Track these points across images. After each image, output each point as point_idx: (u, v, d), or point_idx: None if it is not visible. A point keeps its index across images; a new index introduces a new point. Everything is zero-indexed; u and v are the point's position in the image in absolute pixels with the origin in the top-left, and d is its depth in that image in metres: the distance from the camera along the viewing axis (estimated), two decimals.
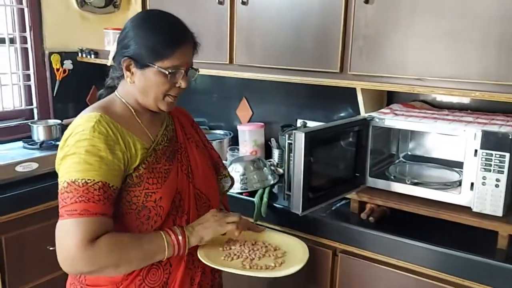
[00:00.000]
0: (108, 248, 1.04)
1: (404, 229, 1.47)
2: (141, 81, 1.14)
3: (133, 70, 1.13)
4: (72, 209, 1.03)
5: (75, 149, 1.06)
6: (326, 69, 1.67)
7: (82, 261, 1.02)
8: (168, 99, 1.16)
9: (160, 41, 1.11)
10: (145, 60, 1.11)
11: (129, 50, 1.12)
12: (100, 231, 1.04)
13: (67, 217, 1.03)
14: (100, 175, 1.05)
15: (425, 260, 1.38)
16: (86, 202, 1.02)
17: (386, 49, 1.54)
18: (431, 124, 1.48)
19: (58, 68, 2.38)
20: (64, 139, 1.10)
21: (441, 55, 1.44)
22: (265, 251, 1.24)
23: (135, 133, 1.15)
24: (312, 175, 1.41)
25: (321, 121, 2.05)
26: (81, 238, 1.01)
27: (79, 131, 1.07)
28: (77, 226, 1.02)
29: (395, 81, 1.54)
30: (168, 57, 1.11)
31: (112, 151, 1.07)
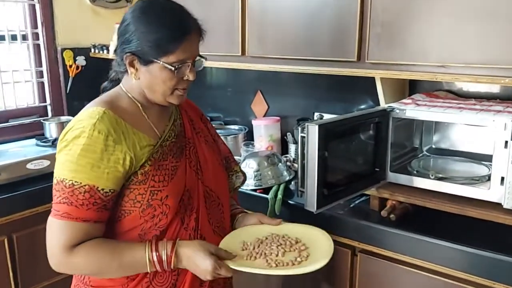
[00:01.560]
0: (87, 259, 1.02)
1: (428, 227, 1.37)
2: (147, 77, 1.07)
3: (137, 66, 1.07)
4: (56, 208, 1.01)
5: (71, 145, 1.01)
6: (343, 58, 1.58)
7: (63, 266, 1.03)
8: (177, 92, 1.10)
9: (164, 35, 1.04)
10: (149, 56, 1.05)
11: (131, 46, 1.05)
12: (82, 237, 1.01)
13: (52, 215, 1.02)
14: (89, 178, 1.00)
15: (452, 261, 1.28)
16: (68, 205, 0.99)
17: (406, 35, 1.43)
18: (456, 115, 1.37)
19: (71, 64, 2.36)
20: (64, 132, 1.05)
21: (467, 39, 1.33)
22: (287, 245, 1.16)
23: (140, 129, 1.08)
24: (327, 170, 1.32)
25: (340, 114, 1.94)
26: (62, 243, 1.00)
27: (79, 127, 1.02)
28: (59, 229, 1.00)
29: (416, 69, 1.44)
30: (173, 51, 1.04)
31: (111, 152, 1.01)
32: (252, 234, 1.21)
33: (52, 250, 1.02)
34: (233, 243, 1.16)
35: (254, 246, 1.15)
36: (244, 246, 1.16)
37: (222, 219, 1.22)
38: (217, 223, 1.19)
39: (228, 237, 1.19)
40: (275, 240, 1.18)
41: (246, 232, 1.22)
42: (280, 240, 1.18)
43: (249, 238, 1.19)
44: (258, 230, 1.21)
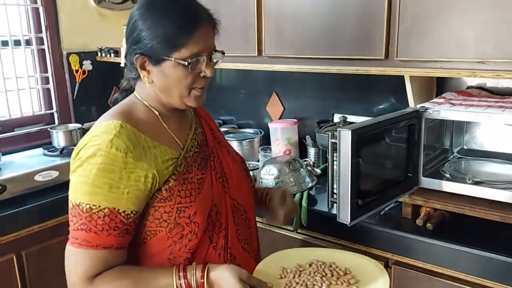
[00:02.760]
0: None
1: (468, 236, 1.28)
2: (160, 78, 0.98)
3: (149, 67, 0.98)
4: (74, 236, 0.93)
5: (86, 165, 0.92)
6: (369, 56, 1.47)
7: None
8: (195, 92, 0.99)
9: (172, 28, 0.94)
10: (160, 53, 0.95)
11: (140, 45, 0.96)
12: (103, 266, 0.92)
13: (70, 243, 0.94)
14: (108, 200, 0.90)
15: (494, 273, 1.19)
16: (87, 232, 0.91)
17: (439, 28, 1.33)
18: (499, 115, 1.27)
19: (77, 69, 2.27)
20: (76, 150, 0.96)
21: (508, 31, 1.22)
22: (334, 277, 1.03)
23: (162, 141, 0.99)
24: (361, 179, 1.22)
25: (361, 115, 1.86)
26: (81, 273, 0.92)
27: (94, 144, 0.92)
28: (78, 258, 0.92)
29: (451, 66, 1.33)
30: (185, 45, 0.94)
31: (131, 170, 0.92)
32: (293, 259, 1.10)
33: (71, 281, 0.94)
34: (271, 268, 1.05)
35: (294, 274, 1.04)
36: (283, 274, 1.04)
37: (250, 235, 1.12)
38: (246, 239, 1.10)
39: (267, 261, 1.08)
40: (319, 269, 1.06)
41: (288, 256, 1.11)
42: (326, 270, 1.05)
43: (290, 264, 1.08)
44: (301, 255, 1.10)
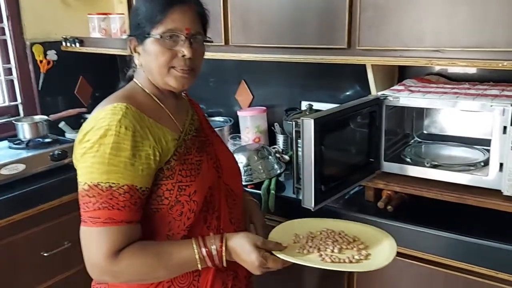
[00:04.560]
0: (133, 264, 0.96)
1: (426, 217, 1.34)
2: (145, 58, 1.04)
3: (138, 49, 1.04)
4: (95, 216, 0.93)
5: (98, 146, 0.93)
6: (332, 45, 1.51)
7: (108, 274, 0.96)
8: (174, 72, 1.03)
9: (152, 6, 1.01)
10: (143, 32, 1.02)
11: (132, 28, 1.05)
12: (126, 240, 0.95)
13: (91, 224, 0.93)
14: (126, 177, 0.94)
15: (452, 251, 1.25)
16: (110, 209, 0.93)
17: (400, 18, 1.37)
18: (453, 101, 1.33)
19: (41, 59, 2.22)
20: (83, 132, 0.97)
21: (463, 21, 1.27)
22: (344, 243, 1.10)
23: (163, 123, 1.04)
24: (324, 165, 1.27)
25: (327, 101, 1.91)
26: (106, 250, 0.93)
27: (103, 126, 0.94)
28: (102, 236, 0.93)
29: (410, 54, 1.38)
30: (161, 20, 1.00)
31: (140, 148, 0.96)
32: (305, 227, 1.17)
33: (93, 261, 0.95)
34: (284, 235, 1.12)
35: (307, 239, 1.11)
36: (296, 239, 1.11)
37: (241, 220, 1.18)
38: (238, 223, 1.15)
39: (280, 228, 1.15)
40: (330, 236, 1.13)
41: (299, 225, 1.18)
42: (336, 237, 1.12)
43: (302, 231, 1.14)
44: (312, 224, 1.18)
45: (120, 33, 2.20)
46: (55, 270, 1.85)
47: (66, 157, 1.92)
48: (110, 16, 2.24)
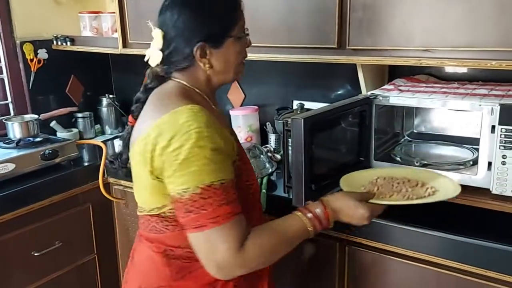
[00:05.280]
0: (260, 249, 0.97)
1: (417, 216, 1.34)
2: (220, 59, 1.05)
3: (209, 53, 1.04)
4: (215, 215, 0.93)
5: (198, 149, 0.92)
6: (322, 45, 1.51)
7: (239, 267, 0.96)
8: (243, 64, 1.12)
9: (227, 7, 1.06)
10: (220, 35, 1.04)
11: (197, 35, 1.02)
12: (245, 230, 0.97)
13: (212, 225, 0.93)
14: (229, 172, 0.97)
15: (444, 251, 1.26)
16: (227, 204, 0.94)
17: (389, 18, 1.38)
18: (442, 100, 1.34)
19: (32, 58, 2.21)
20: (166, 139, 0.93)
21: (452, 21, 1.28)
22: (405, 183, 1.19)
23: (223, 125, 1.05)
24: (314, 164, 1.27)
25: (319, 101, 1.91)
26: (234, 244, 0.94)
27: (192, 129, 0.93)
28: (226, 232, 0.94)
29: (399, 54, 1.39)
30: (237, 20, 1.06)
31: (228, 145, 0.99)
32: (363, 179, 1.24)
33: (222, 260, 0.94)
34: (353, 188, 1.18)
35: (377, 186, 1.18)
36: (366, 189, 1.19)
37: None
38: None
39: (345, 185, 1.20)
40: (390, 181, 1.21)
41: (357, 178, 1.25)
42: (396, 181, 1.21)
43: (364, 182, 1.22)
44: (366, 176, 1.26)
45: (112, 32, 2.19)
46: (46, 270, 1.84)
47: (57, 156, 1.91)
48: (101, 15, 2.23)
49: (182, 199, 0.93)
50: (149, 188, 1.02)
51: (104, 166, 1.96)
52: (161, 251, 1.06)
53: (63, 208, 1.88)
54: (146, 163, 0.98)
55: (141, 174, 1.01)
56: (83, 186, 1.94)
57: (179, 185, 0.93)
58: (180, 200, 0.94)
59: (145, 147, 0.97)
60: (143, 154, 0.98)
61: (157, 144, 0.95)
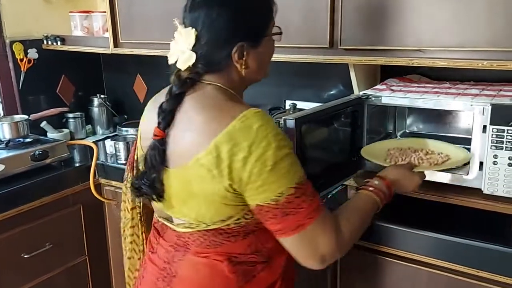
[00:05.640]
0: (351, 232, 1.01)
1: (409, 216, 1.35)
2: (256, 59, 1.01)
3: (247, 53, 0.98)
4: (311, 210, 0.93)
5: (280, 152, 0.90)
6: (314, 44, 1.51)
7: (339, 253, 0.99)
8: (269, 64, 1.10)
9: (264, 4, 1.02)
10: (258, 34, 1.01)
11: (237, 36, 0.97)
12: (332, 215, 0.99)
13: (310, 221, 0.93)
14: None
15: (435, 251, 1.26)
16: (315, 197, 0.96)
17: (381, 18, 1.38)
18: (434, 100, 1.34)
19: (21, 58, 2.18)
20: (245, 148, 0.89)
21: (444, 21, 1.28)
22: (422, 153, 1.36)
23: None
24: (306, 164, 1.25)
25: (312, 101, 1.91)
26: (331, 234, 0.96)
27: (268, 133, 0.90)
28: (322, 225, 0.95)
29: (391, 54, 1.39)
30: (272, 18, 1.04)
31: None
32: (381, 149, 1.42)
33: (325, 252, 0.96)
34: (379, 158, 1.35)
35: (398, 158, 1.35)
36: (387, 160, 1.36)
37: None
38: None
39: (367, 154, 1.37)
40: (409, 151, 1.39)
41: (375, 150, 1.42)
42: (411, 150, 1.38)
43: (382, 153, 1.40)
44: (380, 146, 1.44)
45: (103, 31, 2.17)
46: (36, 272, 1.83)
47: (47, 157, 1.89)
48: (92, 14, 2.21)
49: (278, 205, 0.91)
50: (217, 203, 0.95)
51: (95, 167, 1.94)
52: (225, 259, 1.00)
53: (54, 209, 1.86)
54: (220, 177, 0.91)
55: (206, 189, 0.94)
56: (74, 187, 1.92)
57: (273, 191, 0.90)
58: (276, 206, 0.91)
59: (216, 160, 0.90)
60: (213, 169, 0.91)
61: (234, 155, 0.89)
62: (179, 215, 1.02)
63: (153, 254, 1.10)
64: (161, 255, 1.07)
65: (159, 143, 0.97)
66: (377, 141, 1.44)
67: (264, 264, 1.03)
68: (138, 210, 1.23)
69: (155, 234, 1.12)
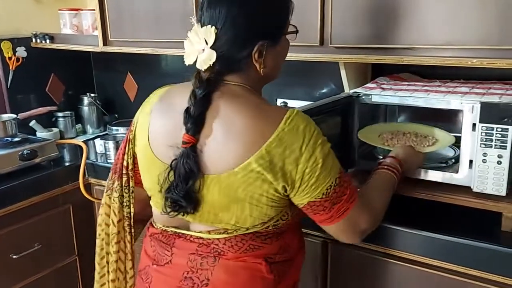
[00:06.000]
0: (380, 205, 1.11)
1: (399, 215, 1.34)
2: (275, 58, 1.00)
3: (266, 52, 0.96)
4: (352, 194, 1.00)
5: (325, 148, 0.95)
6: (304, 42, 1.49)
7: (374, 225, 1.08)
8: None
9: (283, 4, 1.01)
10: (278, 33, 1.00)
11: (258, 34, 0.95)
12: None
13: (352, 204, 1.00)
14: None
15: (424, 249, 1.25)
16: (350, 179, 1.02)
17: (372, 16, 1.37)
18: (424, 99, 1.34)
19: (10, 56, 2.16)
20: (297, 151, 0.91)
21: (434, 19, 1.28)
22: (412, 137, 1.43)
23: None
24: None
25: (303, 99, 1.90)
26: (367, 211, 1.04)
27: (313, 131, 0.94)
28: (360, 206, 1.01)
29: (382, 52, 1.38)
30: (289, 17, 1.02)
31: None
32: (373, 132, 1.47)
33: (365, 228, 1.04)
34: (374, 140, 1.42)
35: (390, 140, 1.42)
36: (381, 141, 1.42)
37: None
38: None
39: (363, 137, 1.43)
40: (400, 133, 1.46)
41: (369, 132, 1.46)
42: (401, 134, 1.45)
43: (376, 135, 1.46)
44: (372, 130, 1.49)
45: (92, 29, 2.15)
46: (25, 273, 1.81)
47: (36, 157, 1.87)
48: (81, 12, 2.19)
49: (328, 197, 0.96)
50: (263, 205, 0.95)
51: (85, 166, 1.93)
52: (263, 260, 1.00)
53: (43, 209, 1.84)
54: (274, 180, 0.92)
55: (253, 192, 0.93)
56: (63, 186, 1.90)
57: (324, 186, 0.95)
58: (326, 199, 0.96)
59: (269, 165, 0.90)
60: (265, 173, 0.91)
61: (286, 158, 0.91)
62: (214, 221, 0.98)
63: (162, 267, 1.04)
64: (181, 265, 1.01)
65: (192, 150, 0.92)
66: (366, 127, 1.49)
67: (290, 262, 1.07)
68: (127, 222, 1.13)
69: (162, 245, 1.05)
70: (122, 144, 1.11)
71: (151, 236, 1.10)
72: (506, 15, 1.18)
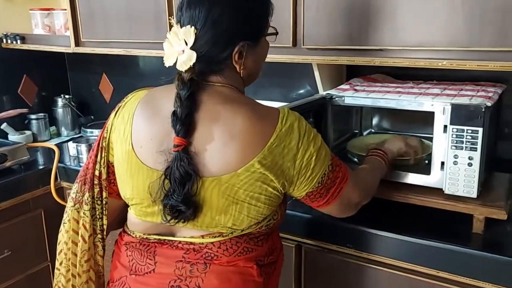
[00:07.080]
0: (370, 181, 1.19)
1: (370, 217, 1.33)
2: (254, 60, 1.00)
3: (246, 54, 0.95)
4: (344, 174, 1.03)
5: (318, 141, 0.98)
6: (277, 44, 1.46)
7: (365, 199, 1.15)
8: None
9: (263, 5, 1.00)
10: (259, 34, 1.00)
11: (239, 35, 0.94)
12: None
13: (346, 183, 1.03)
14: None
15: (395, 251, 1.25)
16: (340, 161, 1.05)
17: (343, 17, 1.36)
18: (395, 100, 1.33)
19: None
20: (294, 148, 0.94)
21: (404, 21, 1.27)
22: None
23: None
24: None
25: (279, 100, 1.89)
26: (358, 187, 1.08)
27: (305, 127, 0.97)
28: (352, 182, 1.05)
29: (354, 53, 1.37)
30: (270, 18, 1.02)
31: None
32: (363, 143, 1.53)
33: (358, 201, 1.10)
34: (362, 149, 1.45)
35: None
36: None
37: None
38: None
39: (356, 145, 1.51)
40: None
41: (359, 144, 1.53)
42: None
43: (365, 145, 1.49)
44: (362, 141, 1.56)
45: (65, 29, 2.10)
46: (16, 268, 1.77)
47: (6, 160, 1.82)
48: (53, 12, 2.14)
49: (323, 184, 1.00)
50: (261, 204, 0.94)
51: (56, 170, 1.88)
52: (254, 263, 1.00)
53: (13, 214, 1.80)
54: (275, 178, 0.93)
55: (254, 192, 0.92)
56: (34, 191, 1.86)
57: (320, 175, 0.98)
58: (322, 186, 1.00)
59: (271, 164, 0.91)
60: (267, 173, 0.91)
61: (285, 156, 0.93)
62: (210, 226, 0.95)
63: (142, 277, 0.99)
64: (166, 274, 0.97)
65: (185, 152, 0.89)
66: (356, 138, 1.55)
67: (275, 264, 1.08)
68: (99, 236, 1.05)
69: (143, 253, 1.00)
70: (92, 152, 1.05)
71: (126, 245, 1.04)
72: (473, 16, 1.18)
